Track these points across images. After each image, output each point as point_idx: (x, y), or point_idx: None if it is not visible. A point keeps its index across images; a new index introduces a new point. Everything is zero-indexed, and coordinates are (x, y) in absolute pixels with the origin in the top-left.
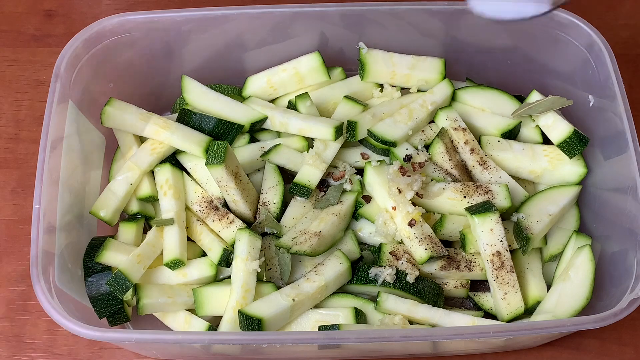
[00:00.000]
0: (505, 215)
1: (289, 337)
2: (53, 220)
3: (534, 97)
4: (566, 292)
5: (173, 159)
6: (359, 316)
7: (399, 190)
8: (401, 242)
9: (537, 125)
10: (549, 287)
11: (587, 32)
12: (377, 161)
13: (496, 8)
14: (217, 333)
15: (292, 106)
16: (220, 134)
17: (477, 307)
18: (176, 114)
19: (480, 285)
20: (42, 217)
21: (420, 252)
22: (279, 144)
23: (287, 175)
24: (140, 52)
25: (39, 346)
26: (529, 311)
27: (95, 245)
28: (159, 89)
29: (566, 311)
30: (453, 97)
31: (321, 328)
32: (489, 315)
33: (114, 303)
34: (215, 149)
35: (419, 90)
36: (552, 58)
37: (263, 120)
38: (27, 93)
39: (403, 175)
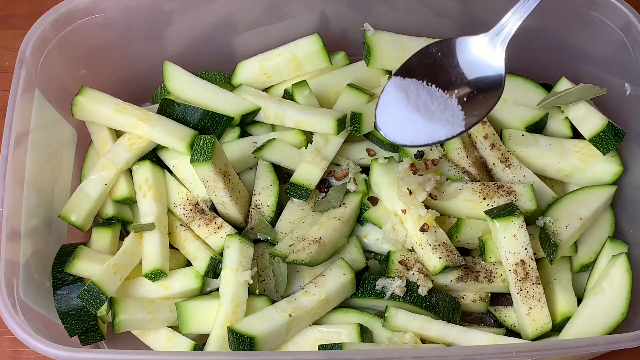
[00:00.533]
0: (530, 220)
1: (285, 357)
2: (17, 225)
3: (563, 85)
4: (599, 307)
5: (153, 155)
6: (365, 334)
7: (410, 191)
8: (412, 250)
9: (567, 117)
10: (579, 300)
11: (623, 12)
12: (385, 158)
13: (409, 135)
14: (204, 353)
15: (288, 95)
16: (207, 127)
17: (498, 324)
18: (157, 105)
19: (501, 298)
20: (5, 222)
21: (433, 261)
22: (274, 139)
23: (282, 174)
24: (117, 35)
25: None
26: (557, 328)
27: (65, 254)
28: (138, 76)
29: (599, 328)
30: None
31: (322, 347)
32: (511, 332)
33: (87, 319)
34: (201, 144)
35: None
36: (583, 41)
37: (255, 111)
38: None
39: (414, 174)
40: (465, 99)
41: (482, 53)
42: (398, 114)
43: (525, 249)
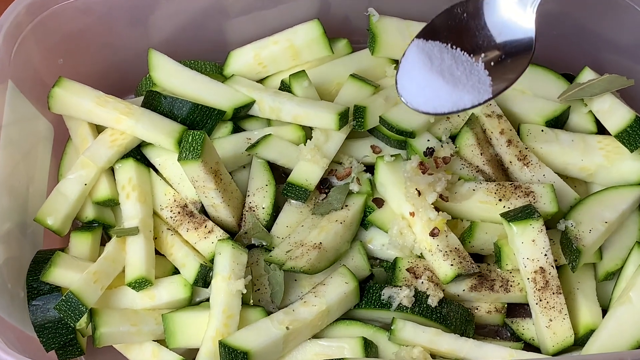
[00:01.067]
0: (550, 223)
1: None
2: None
3: (586, 75)
4: (626, 319)
5: (138, 153)
6: (369, 348)
7: (419, 191)
8: (421, 257)
9: (590, 111)
10: (604, 311)
11: None
12: (391, 156)
13: (432, 102)
14: None
15: (285, 87)
16: (197, 122)
17: (515, 337)
18: (141, 97)
19: (519, 310)
20: None
21: (444, 268)
22: (269, 135)
23: (279, 173)
24: (97, 21)
25: None
26: (579, 342)
27: (41, 261)
28: (121, 66)
29: (626, 342)
30: None
31: None
32: (530, 347)
33: (65, 332)
34: (190, 140)
35: None
36: (608, 27)
37: (249, 104)
38: None
39: (423, 173)
40: (492, 63)
41: (511, 14)
42: (420, 80)
43: (545, 255)
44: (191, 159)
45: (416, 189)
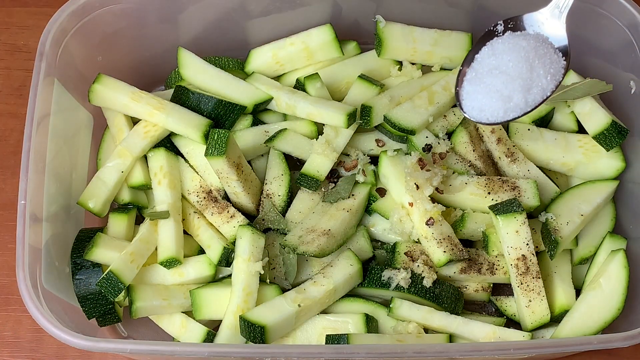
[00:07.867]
0: (533, 213)
1: (295, 350)
2: (39, 213)
3: (571, 78)
4: (596, 303)
5: (168, 141)
6: (370, 323)
7: (417, 185)
8: (418, 242)
9: (572, 112)
10: (578, 291)
11: (630, 12)
12: (394, 150)
13: (491, 113)
14: (217, 345)
15: (300, 85)
16: (221, 116)
17: (499, 313)
18: (171, 90)
19: (503, 288)
20: (27, 213)
21: (438, 254)
22: (285, 129)
23: (294, 161)
24: (132, 23)
25: (23, 345)
26: (555, 319)
27: (84, 239)
28: (152, 60)
29: (595, 323)
30: None
31: (329, 337)
32: (512, 321)
33: (104, 303)
34: (215, 138)
35: (442, 69)
36: (592, 34)
37: (268, 101)
38: (2, 60)
39: (422, 169)
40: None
41: (546, 26)
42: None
43: (527, 244)
44: (216, 155)
45: (415, 183)
